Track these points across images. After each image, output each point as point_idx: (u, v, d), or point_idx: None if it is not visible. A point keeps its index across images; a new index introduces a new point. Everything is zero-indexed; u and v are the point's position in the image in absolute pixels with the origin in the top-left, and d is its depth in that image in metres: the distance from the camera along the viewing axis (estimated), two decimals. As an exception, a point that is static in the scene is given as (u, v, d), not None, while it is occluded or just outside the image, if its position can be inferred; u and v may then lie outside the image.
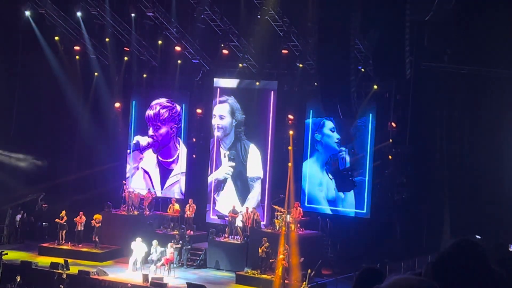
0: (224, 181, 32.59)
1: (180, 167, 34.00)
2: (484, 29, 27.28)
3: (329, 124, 30.39)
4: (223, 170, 32.63)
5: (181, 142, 34.06)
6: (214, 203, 32.68)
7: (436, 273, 2.83)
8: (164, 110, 34.16)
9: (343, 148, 30.14)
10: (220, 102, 32.46)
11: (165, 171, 34.28)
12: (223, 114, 32.44)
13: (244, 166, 32.11)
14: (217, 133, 32.56)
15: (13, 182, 33.86)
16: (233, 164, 32.29)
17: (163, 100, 34.20)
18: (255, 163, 31.94)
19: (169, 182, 34.10)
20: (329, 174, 30.47)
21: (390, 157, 30.34)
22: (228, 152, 32.42)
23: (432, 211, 29.64)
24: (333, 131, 30.41)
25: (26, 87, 34.92)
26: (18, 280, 27.04)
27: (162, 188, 34.13)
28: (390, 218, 29.69)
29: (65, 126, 35.70)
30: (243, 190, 32.13)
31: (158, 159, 34.48)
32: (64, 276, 27.23)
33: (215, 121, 32.58)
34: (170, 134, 34.23)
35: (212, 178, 32.83)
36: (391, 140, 30.29)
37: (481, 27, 27.42)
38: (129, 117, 34.74)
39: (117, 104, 34.39)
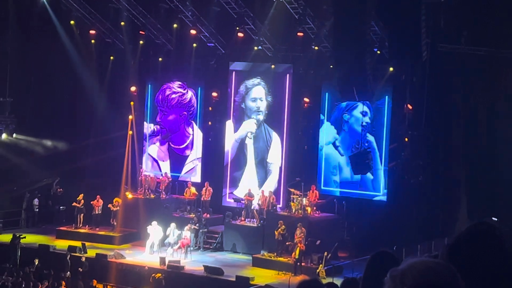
0: (244, 154, 32.21)
1: (196, 153, 33.94)
2: (502, 9, 27.03)
3: (362, 108, 30.12)
4: (246, 127, 32.32)
5: (195, 126, 33.96)
6: (231, 185, 32.56)
7: (453, 256, 2.80)
8: (174, 95, 34.08)
9: (369, 135, 29.94)
10: (255, 84, 32.21)
11: (178, 158, 34.22)
12: (261, 96, 32.20)
13: (267, 150, 31.94)
14: (252, 128, 32.15)
15: (30, 166, 34.03)
16: (256, 120, 32.02)
17: (174, 85, 34.08)
18: (277, 150, 31.77)
19: (186, 168, 34.05)
20: (346, 157, 30.37)
21: (406, 139, 30.21)
22: (253, 134, 32.18)
23: (448, 193, 29.54)
24: (364, 115, 30.18)
25: (42, 71, 35.01)
26: (36, 263, 27.27)
27: (178, 177, 33.96)
28: (407, 201, 29.60)
29: (81, 110, 35.79)
30: (263, 173, 32.00)
31: (170, 146, 34.41)
32: (83, 259, 27.41)
33: (257, 104, 32.20)
34: (179, 121, 34.14)
35: (234, 138, 32.50)
36: (407, 123, 30.12)
37: (499, 7, 27.17)
38: (144, 101, 34.75)
39: (132, 88, 34.40)
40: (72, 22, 33.96)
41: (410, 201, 29.64)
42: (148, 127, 34.66)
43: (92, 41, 34.57)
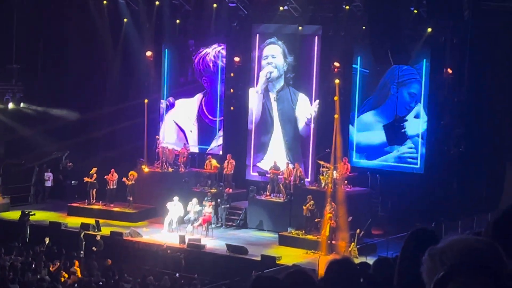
0: (270, 117, 32.19)
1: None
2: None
3: (411, 88, 29.91)
4: (264, 72, 32.30)
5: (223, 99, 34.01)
6: (256, 154, 32.53)
7: (498, 233, 2.77)
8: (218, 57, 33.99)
9: (413, 105, 29.77)
10: (270, 43, 32.18)
11: (207, 129, 34.22)
12: (275, 53, 32.15)
13: (293, 109, 31.88)
14: (270, 69, 32.11)
15: (39, 138, 34.25)
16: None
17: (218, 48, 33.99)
18: (303, 107, 31.67)
19: (214, 143, 34.06)
20: (381, 126, 30.27)
21: (446, 106, 30.03)
22: (277, 96, 32.19)
23: (492, 165, 29.36)
24: (412, 97, 29.96)
25: (51, 36, 35.10)
26: (47, 242, 27.50)
27: (205, 149, 34.01)
28: (446, 173, 29.49)
29: (93, 77, 35.88)
30: (290, 130, 31.91)
31: (202, 110, 34.35)
32: (98, 237, 27.63)
33: (267, 61, 32.21)
34: (219, 87, 34.12)
35: (255, 91, 32.51)
36: (446, 88, 29.93)
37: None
38: (161, 66, 34.77)
39: (148, 53, 34.40)
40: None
41: (450, 173, 29.54)
42: (166, 101, 34.69)
43: (104, 1, 34.54)
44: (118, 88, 34.97)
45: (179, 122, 34.79)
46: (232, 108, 34.07)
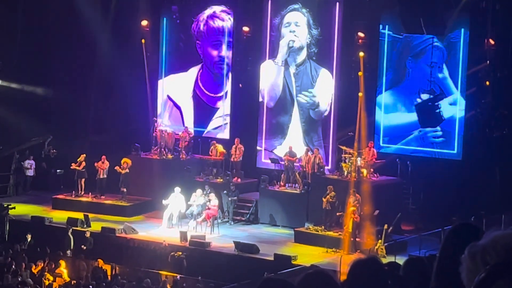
0: (289, 93, 32.20)
1: (228, 107, 33.94)
2: None
3: (430, 56, 29.91)
4: (284, 41, 32.32)
5: (230, 76, 33.92)
6: (270, 137, 32.45)
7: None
8: (220, 22, 33.91)
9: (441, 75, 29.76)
10: (293, 9, 32.07)
11: (204, 107, 34.26)
12: (299, 21, 32.05)
13: (312, 86, 31.82)
14: (292, 38, 31.97)
15: (19, 120, 34.29)
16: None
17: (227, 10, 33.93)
18: (325, 89, 31.61)
19: (212, 124, 34.10)
20: (412, 106, 30.24)
21: (487, 83, 29.97)
22: (296, 70, 32.12)
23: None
24: (432, 66, 29.99)
25: (32, 6, 35.09)
26: (29, 239, 27.63)
27: (201, 132, 34.08)
28: (488, 159, 29.47)
29: (80, 50, 35.84)
30: (308, 121, 31.89)
31: (199, 86, 34.38)
32: (88, 234, 27.73)
33: (290, 28, 32.09)
34: (220, 61, 34.07)
35: (273, 61, 32.54)
36: (488, 62, 29.86)
37: None
38: (159, 38, 34.75)
39: (144, 23, 34.41)
40: None
41: (491, 160, 29.51)
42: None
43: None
44: (109, 64, 34.92)
45: (174, 98, 34.80)
46: (240, 85, 34.05)
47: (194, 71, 34.47)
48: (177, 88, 34.70)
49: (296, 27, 31.99)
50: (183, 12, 34.39)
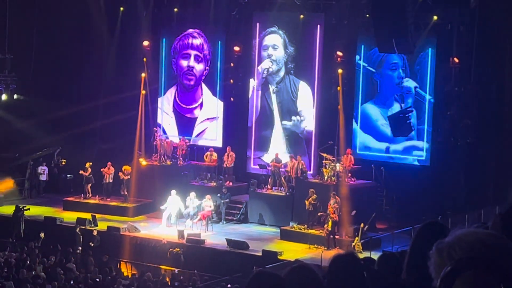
0: (270, 109, 32.17)
1: (206, 112, 33.91)
2: None
3: (391, 60, 29.98)
4: (263, 65, 32.23)
5: (203, 85, 33.95)
6: (257, 148, 32.49)
7: (506, 226, 2.77)
8: (206, 44, 33.89)
9: (409, 86, 29.75)
10: (271, 32, 32.11)
11: (184, 120, 34.23)
12: (276, 44, 32.08)
13: (294, 102, 31.85)
14: (269, 65, 32.06)
15: (33, 131, 34.17)
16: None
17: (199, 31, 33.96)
18: (306, 101, 31.62)
19: (197, 130, 34.04)
20: (385, 117, 30.25)
21: (453, 96, 29.99)
22: (276, 88, 32.15)
23: (500, 157, 29.33)
24: (394, 69, 30.06)
25: (45, 26, 35.01)
26: (42, 237, 27.53)
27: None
28: (453, 165, 29.48)
29: (89, 67, 35.83)
30: (291, 133, 31.89)
31: (176, 101, 34.36)
32: (95, 233, 27.64)
33: (268, 52, 32.14)
34: (202, 76, 34.09)
35: (252, 86, 32.45)
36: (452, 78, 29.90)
37: None
38: (159, 56, 34.70)
39: (145, 43, 34.36)
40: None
41: (457, 165, 29.52)
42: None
43: (100, -10, 34.49)
44: (114, 79, 34.89)
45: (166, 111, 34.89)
46: (232, 99, 34.04)
47: (172, 90, 34.53)
48: (166, 103, 34.79)
49: (274, 50, 32.02)
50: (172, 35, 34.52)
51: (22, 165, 34.07)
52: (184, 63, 34.17)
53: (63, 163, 34.44)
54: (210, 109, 33.97)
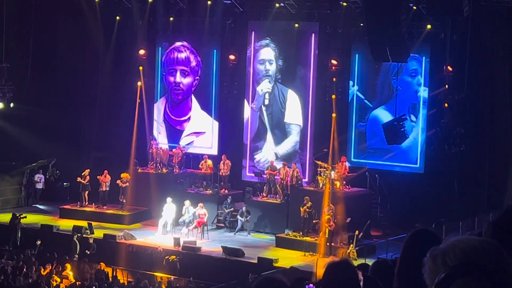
0: (262, 122, 32.22)
1: (192, 127, 33.90)
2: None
3: (410, 66, 29.84)
4: (263, 86, 32.28)
5: (193, 98, 33.95)
6: (252, 157, 32.54)
7: (499, 233, 2.77)
8: (192, 56, 33.99)
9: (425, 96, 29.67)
10: (263, 46, 32.16)
11: (173, 131, 34.23)
12: (271, 58, 32.16)
13: (283, 113, 31.93)
14: (268, 88, 32.12)
15: (30, 139, 34.11)
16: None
17: (186, 44, 34.01)
18: (294, 110, 31.72)
19: (185, 141, 33.96)
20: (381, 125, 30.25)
21: (446, 104, 30.02)
22: (267, 100, 32.21)
23: (494, 164, 29.38)
24: (414, 75, 29.98)
25: (42, 34, 35.01)
26: (39, 245, 27.49)
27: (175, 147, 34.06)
28: (447, 173, 29.50)
29: (85, 75, 35.83)
30: (281, 137, 32.00)
31: (167, 113, 34.35)
32: (91, 240, 27.61)
33: (265, 67, 32.18)
34: (191, 88, 34.10)
35: (250, 107, 32.42)
36: (447, 86, 29.94)
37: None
38: (154, 65, 34.71)
39: (141, 52, 34.38)
40: (73, -21, 33.92)
41: (451, 173, 29.54)
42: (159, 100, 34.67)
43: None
44: (110, 87, 34.88)
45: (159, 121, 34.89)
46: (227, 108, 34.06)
47: (163, 100, 34.55)
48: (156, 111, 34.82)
49: (270, 65, 32.11)
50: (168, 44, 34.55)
51: (18, 173, 34.01)
52: (171, 78, 34.21)
53: (57, 174, 34.34)
54: (197, 123, 33.89)
